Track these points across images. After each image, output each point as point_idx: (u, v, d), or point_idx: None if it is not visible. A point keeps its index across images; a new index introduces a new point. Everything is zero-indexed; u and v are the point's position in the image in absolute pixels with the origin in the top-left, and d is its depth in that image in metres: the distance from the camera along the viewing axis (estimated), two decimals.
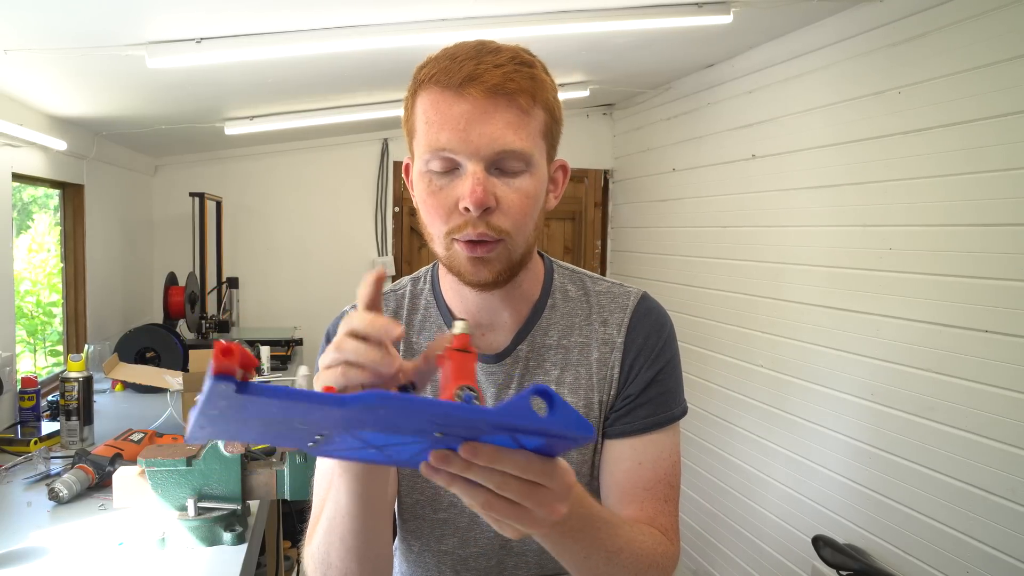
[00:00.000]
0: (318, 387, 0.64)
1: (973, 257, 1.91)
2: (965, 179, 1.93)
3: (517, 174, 0.82)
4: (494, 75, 0.79)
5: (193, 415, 0.51)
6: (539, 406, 0.55)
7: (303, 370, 0.57)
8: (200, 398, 0.49)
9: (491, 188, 0.81)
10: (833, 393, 2.40)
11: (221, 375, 0.47)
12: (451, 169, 0.82)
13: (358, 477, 0.73)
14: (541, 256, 1.00)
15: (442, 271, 0.96)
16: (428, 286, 1.00)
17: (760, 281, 2.79)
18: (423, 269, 1.02)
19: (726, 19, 2.18)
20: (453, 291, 0.95)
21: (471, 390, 0.59)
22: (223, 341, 0.49)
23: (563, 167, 0.93)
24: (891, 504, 2.15)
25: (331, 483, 0.79)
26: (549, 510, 0.59)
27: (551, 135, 0.87)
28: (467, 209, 0.80)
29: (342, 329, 0.63)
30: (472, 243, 0.82)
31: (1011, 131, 1.79)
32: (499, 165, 0.81)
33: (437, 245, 0.86)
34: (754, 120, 2.84)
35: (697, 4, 2.13)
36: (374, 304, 0.66)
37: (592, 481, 0.97)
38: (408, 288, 1.01)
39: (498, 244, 0.83)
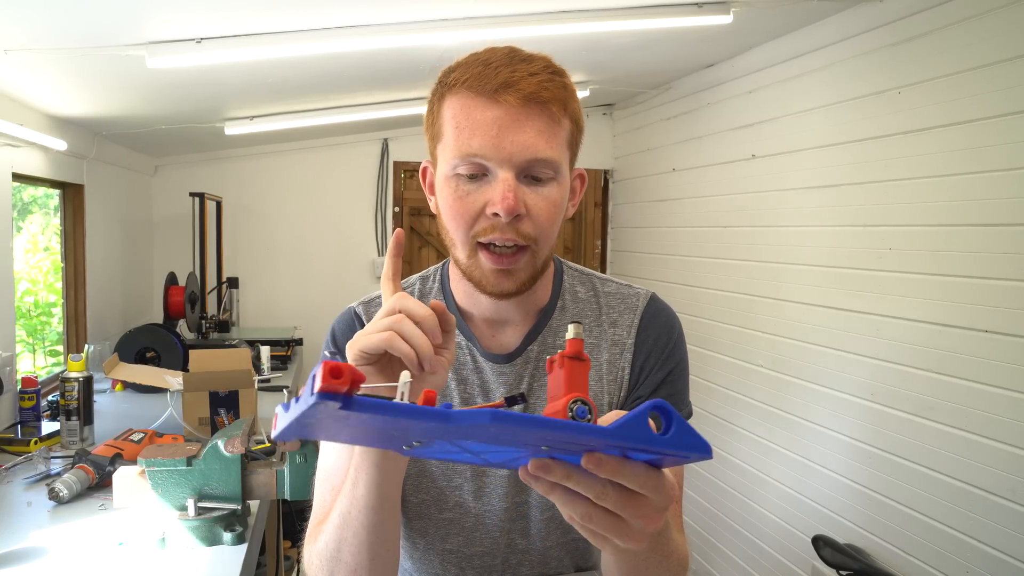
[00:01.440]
0: (350, 353, 0.69)
1: (974, 257, 1.91)
2: (966, 179, 1.92)
3: (545, 182, 0.83)
4: (530, 83, 0.79)
5: (284, 419, 0.49)
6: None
7: (405, 375, 0.59)
8: (298, 406, 0.47)
9: (521, 195, 0.81)
10: (833, 393, 2.40)
11: (327, 393, 0.45)
12: (480, 174, 0.82)
13: (379, 467, 0.74)
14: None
15: (455, 273, 0.96)
16: (437, 285, 1.00)
17: (760, 281, 2.79)
18: (432, 268, 1.02)
19: (726, 19, 2.18)
20: (467, 294, 0.95)
21: (584, 403, 0.55)
22: (331, 360, 0.46)
23: (581, 176, 0.94)
24: (891, 504, 2.15)
25: (342, 480, 0.79)
26: (648, 521, 0.57)
27: (575, 145, 0.88)
28: (496, 215, 0.80)
29: (399, 305, 0.70)
30: (498, 255, 0.82)
31: (1012, 131, 1.79)
32: (528, 173, 0.82)
33: (459, 251, 0.85)
34: (754, 120, 2.84)
35: (697, 4, 2.12)
36: (397, 273, 0.75)
37: None
38: (417, 286, 1.01)
39: (524, 252, 0.83)
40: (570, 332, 0.59)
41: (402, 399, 0.52)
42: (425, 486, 0.96)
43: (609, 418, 0.57)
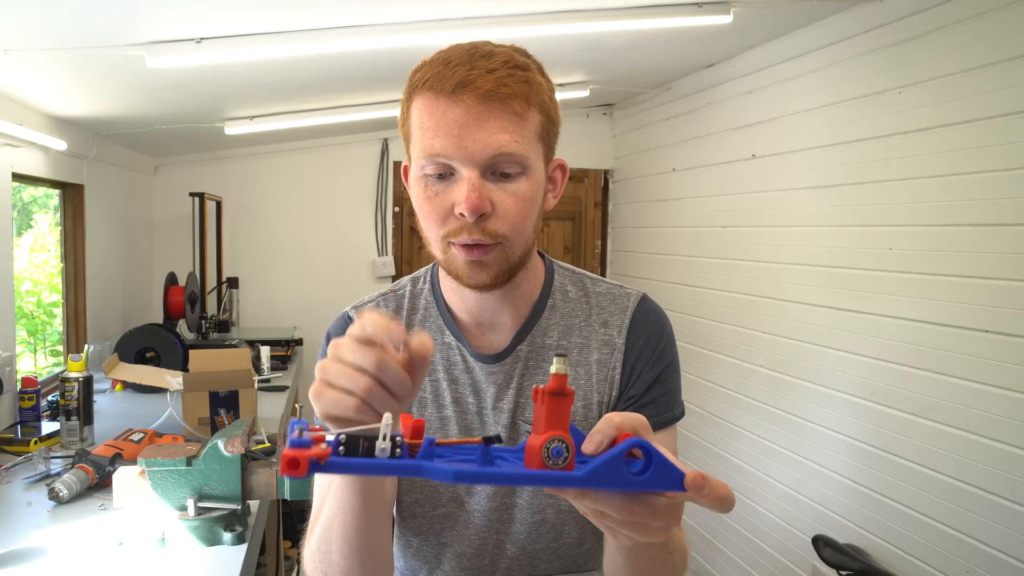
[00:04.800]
0: (316, 405, 0.63)
1: (973, 257, 1.91)
2: (965, 179, 1.93)
3: (513, 178, 0.83)
4: (487, 80, 0.79)
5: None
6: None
7: (387, 418, 0.59)
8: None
9: (486, 193, 0.81)
10: (833, 393, 2.40)
11: (292, 476, 0.50)
12: (447, 174, 0.82)
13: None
14: (542, 256, 1.00)
15: (443, 272, 0.97)
16: (428, 286, 1.00)
17: (760, 281, 2.79)
18: (422, 269, 1.03)
19: (726, 19, 2.18)
20: (453, 291, 0.95)
21: (561, 441, 0.54)
22: (288, 451, 0.50)
23: (561, 166, 0.93)
24: (891, 504, 2.15)
25: (332, 480, 0.79)
26: (668, 520, 0.57)
27: (547, 136, 0.87)
28: (462, 215, 0.81)
29: (360, 358, 0.60)
30: (468, 247, 0.83)
31: (1011, 131, 1.79)
32: (494, 169, 0.82)
33: (435, 248, 0.87)
34: (754, 120, 2.84)
35: (697, 4, 2.12)
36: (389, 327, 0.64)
37: None
38: (408, 288, 1.01)
39: (496, 248, 0.83)
40: (554, 367, 0.57)
41: (385, 439, 0.53)
42: (419, 485, 0.97)
43: (604, 425, 0.58)
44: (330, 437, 0.54)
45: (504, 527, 0.96)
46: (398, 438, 0.54)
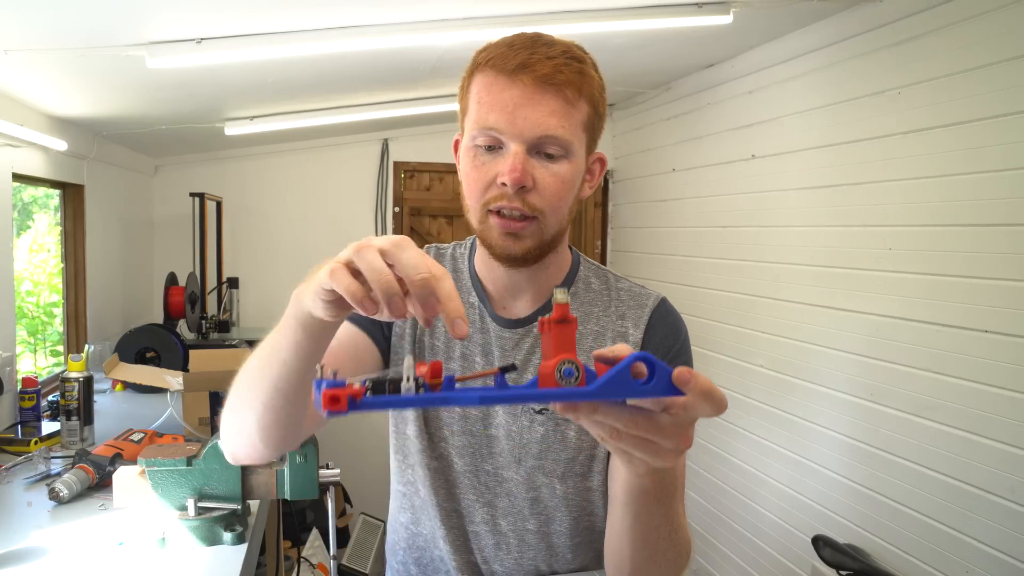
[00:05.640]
0: (319, 280, 0.64)
1: (971, 257, 1.91)
2: (963, 179, 1.93)
3: (556, 159, 0.88)
4: (545, 66, 0.84)
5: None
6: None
7: (408, 360, 0.62)
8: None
9: (529, 169, 0.86)
10: (832, 393, 2.40)
11: (333, 412, 0.53)
12: (495, 147, 0.87)
13: (311, 334, 0.72)
14: (570, 249, 1.05)
15: (478, 242, 1.01)
16: (467, 252, 1.05)
17: (760, 281, 2.80)
18: (469, 237, 1.08)
19: (726, 19, 2.19)
20: (484, 263, 1.00)
21: (571, 363, 0.58)
22: (328, 390, 0.52)
23: (601, 160, 0.98)
24: (890, 504, 2.15)
25: (279, 328, 0.75)
26: (679, 441, 0.59)
27: (592, 128, 0.92)
28: (504, 184, 0.85)
29: (397, 251, 0.59)
30: (506, 218, 0.87)
31: (1009, 131, 1.80)
32: (540, 149, 0.87)
33: (473, 217, 0.91)
34: (754, 120, 2.84)
35: (697, 4, 2.13)
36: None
37: (601, 479, 0.98)
38: (450, 250, 1.08)
39: (532, 222, 0.88)
40: (556, 297, 0.60)
41: (408, 381, 0.56)
42: (422, 434, 1.00)
43: (617, 350, 0.61)
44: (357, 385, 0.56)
45: (495, 499, 0.98)
46: (420, 380, 0.57)
